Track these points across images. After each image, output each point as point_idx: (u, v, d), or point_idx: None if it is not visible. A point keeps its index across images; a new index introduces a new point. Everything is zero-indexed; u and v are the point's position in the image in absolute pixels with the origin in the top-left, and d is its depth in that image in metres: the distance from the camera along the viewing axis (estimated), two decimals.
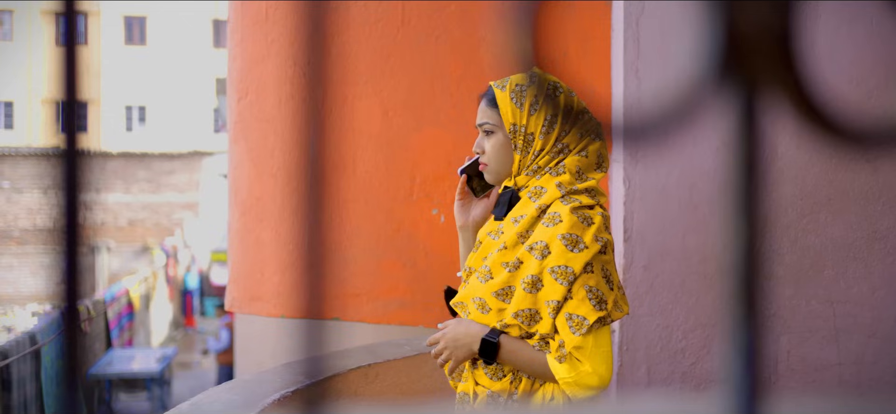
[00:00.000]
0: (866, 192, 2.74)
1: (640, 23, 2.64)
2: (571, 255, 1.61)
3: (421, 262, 3.00)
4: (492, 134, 1.74)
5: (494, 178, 1.77)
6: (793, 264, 2.77)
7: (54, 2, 0.36)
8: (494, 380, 1.71)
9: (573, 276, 1.61)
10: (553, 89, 1.68)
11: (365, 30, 2.85)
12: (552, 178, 1.68)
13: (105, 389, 11.34)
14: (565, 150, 1.70)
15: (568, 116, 1.70)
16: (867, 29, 2.66)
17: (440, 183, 2.98)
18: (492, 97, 1.73)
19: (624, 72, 2.68)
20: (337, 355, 2.73)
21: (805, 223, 2.76)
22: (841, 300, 2.79)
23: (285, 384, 2.43)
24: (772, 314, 2.80)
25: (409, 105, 2.92)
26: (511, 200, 1.73)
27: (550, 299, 1.62)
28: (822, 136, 0.33)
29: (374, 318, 3.08)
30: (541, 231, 1.65)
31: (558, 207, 1.65)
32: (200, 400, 2.20)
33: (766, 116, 0.35)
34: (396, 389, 2.67)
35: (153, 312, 16.74)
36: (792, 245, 2.77)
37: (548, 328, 1.63)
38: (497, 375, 1.70)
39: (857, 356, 2.83)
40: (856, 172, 2.74)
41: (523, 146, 1.70)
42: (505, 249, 1.68)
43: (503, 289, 1.67)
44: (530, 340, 1.67)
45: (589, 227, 1.63)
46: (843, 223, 2.75)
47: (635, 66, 2.66)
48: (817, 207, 2.75)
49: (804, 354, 2.82)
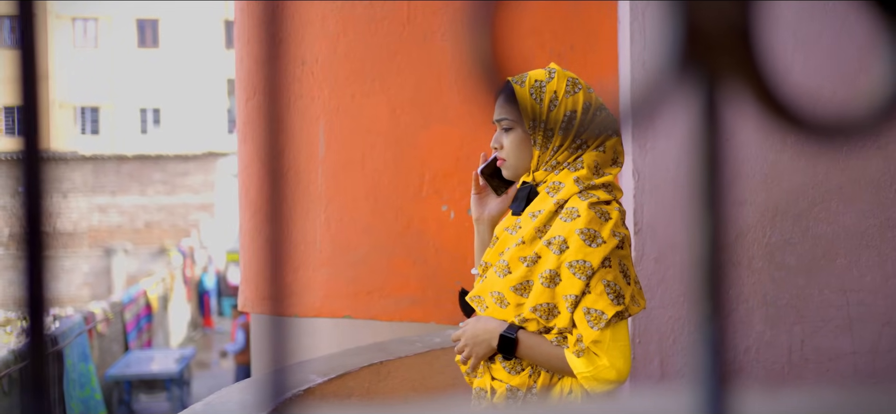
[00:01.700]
0: (878, 180, 2.72)
1: (646, 15, 2.63)
2: (589, 249, 1.61)
3: (431, 258, 3.00)
4: (510, 130, 1.74)
5: (513, 174, 1.77)
6: (805, 254, 2.76)
7: (7, 2, 0.36)
8: (512, 374, 1.71)
9: (591, 270, 1.61)
10: (572, 85, 1.69)
11: (371, 27, 2.86)
12: (570, 173, 1.69)
13: (124, 391, 11.43)
14: (584, 146, 1.70)
15: (587, 112, 1.70)
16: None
17: (449, 179, 2.98)
18: (510, 92, 1.72)
19: (631, 65, 2.67)
20: (349, 353, 2.74)
21: (816, 212, 2.74)
22: (854, 289, 2.77)
23: (298, 382, 2.44)
24: (784, 304, 2.79)
25: (417, 102, 2.92)
26: (529, 195, 1.74)
27: (568, 294, 1.62)
28: (784, 129, 0.33)
29: (385, 315, 3.09)
30: (559, 226, 1.65)
31: (576, 202, 1.65)
32: (213, 400, 2.22)
33: (727, 110, 0.35)
34: (409, 386, 2.67)
35: (171, 312, 16.85)
36: (803, 234, 2.75)
37: (566, 322, 1.64)
38: (515, 369, 1.71)
39: (872, 345, 2.81)
40: (867, 160, 2.72)
41: (542, 142, 1.71)
42: (523, 244, 1.69)
43: (521, 283, 1.67)
44: (548, 334, 1.67)
45: (607, 222, 1.63)
46: (855, 211, 2.73)
47: (642, 58, 2.65)
48: (828, 195, 2.73)
49: (818, 344, 2.80)
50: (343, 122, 2.98)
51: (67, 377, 9.57)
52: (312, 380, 2.45)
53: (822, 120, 0.32)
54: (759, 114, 0.35)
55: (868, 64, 2.54)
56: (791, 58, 2.61)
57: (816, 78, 2.62)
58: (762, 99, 0.34)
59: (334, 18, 2.94)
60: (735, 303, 2.78)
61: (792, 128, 0.33)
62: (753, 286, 2.77)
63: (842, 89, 2.60)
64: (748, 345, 2.80)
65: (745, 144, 2.70)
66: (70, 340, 9.58)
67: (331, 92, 2.97)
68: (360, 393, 2.56)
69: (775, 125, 0.34)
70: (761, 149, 2.69)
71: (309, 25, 2.96)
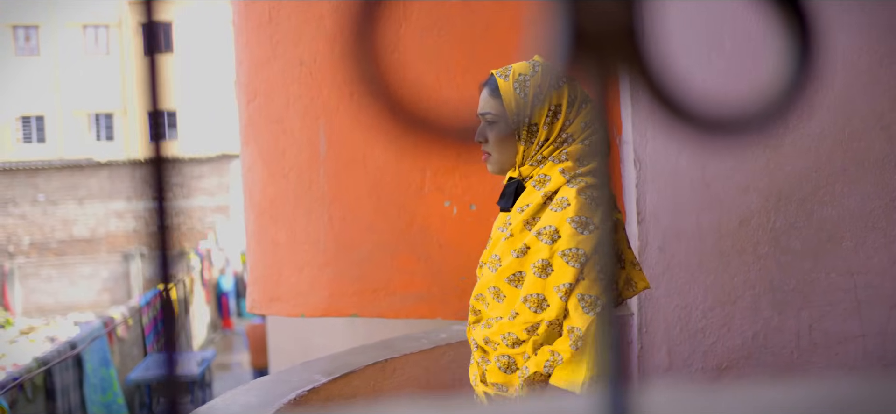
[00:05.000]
0: (882, 161, 2.69)
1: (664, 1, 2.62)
2: (582, 237, 1.60)
3: (435, 255, 3.00)
4: (494, 124, 1.73)
5: (497, 169, 1.76)
6: (810, 238, 2.73)
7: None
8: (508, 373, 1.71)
9: (585, 257, 1.60)
10: (556, 79, 1.67)
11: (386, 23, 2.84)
12: (555, 165, 1.68)
13: (145, 394, 11.52)
14: (569, 140, 1.69)
15: (572, 106, 1.69)
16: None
17: (451, 175, 2.98)
18: (494, 87, 1.71)
19: (650, 53, 2.66)
20: (354, 351, 2.75)
21: (821, 195, 2.72)
22: (861, 271, 2.75)
23: (303, 383, 2.44)
24: (791, 289, 2.77)
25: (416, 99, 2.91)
26: (516, 191, 1.73)
27: (561, 283, 1.61)
28: (676, 124, 0.33)
29: (392, 312, 3.09)
30: (549, 216, 1.64)
31: (565, 191, 1.64)
32: (216, 404, 2.22)
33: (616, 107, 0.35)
34: (415, 384, 2.67)
35: (191, 315, 16.96)
36: (808, 218, 2.73)
37: (555, 314, 1.62)
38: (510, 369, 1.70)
39: (880, 327, 2.78)
40: (870, 141, 2.70)
41: (527, 137, 1.70)
42: (511, 237, 1.68)
43: (514, 274, 1.67)
44: (538, 330, 1.65)
45: (598, 207, 1.62)
46: (860, 193, 2.71)
47: (660, 45, 2.64)
48: (832, 178, 2.71)
49: (826, 328, 2.78)
50: (343, 121, 2.99)
51: (88, 382, 9.66)
52: (317, 380, 2.45)
53: (710, 116, 0.32)
54: (654, 109, 0.34)
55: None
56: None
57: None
58: (653, 95, 0.33)
59: (331, 18, 2.94)
60: (742, 289, 2.76)
61: (682, 123, 0.33)
62: (759, 272, 2.75)
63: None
64: (756, 331, 2.78)
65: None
66: (88, 343, 9.65)
67: (330, 91, 2.97)
68: (366, 391, 2.56)
69: (668, 121, 0.33)
70: (762, 134, 2.67)
71: (306, 25, 2.97)
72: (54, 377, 8.93)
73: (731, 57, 2.58)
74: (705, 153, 2.70)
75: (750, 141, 0.32)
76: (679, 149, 2.71)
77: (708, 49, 2.60)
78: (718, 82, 2.59)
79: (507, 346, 1.69)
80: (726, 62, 2.59)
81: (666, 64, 0.33)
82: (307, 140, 3.04)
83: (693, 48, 2.59)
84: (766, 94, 0.31)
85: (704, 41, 2.60)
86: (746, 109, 0.31)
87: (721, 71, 2.58)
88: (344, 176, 2.96)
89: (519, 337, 1.66)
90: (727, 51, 2.59)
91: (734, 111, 0.31)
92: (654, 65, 0.31)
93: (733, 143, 0.32)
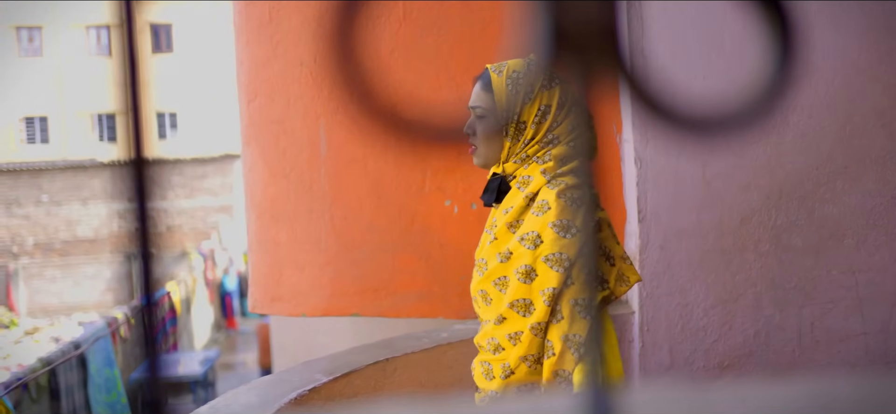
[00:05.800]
0: (883, 158, 2.69)
1: (643, 2, 2.61)
2: (565, 241, 1.60)
3: (436, 254, 3.00)
4: (483, 118, 1.73)
5: (483, 163, 1.76)
6: (811, 235, 2.73)
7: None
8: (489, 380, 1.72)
9: (569, 261, 1.60)
10: (549, 79, 1.67)
11: (367, 26, 2.85)
12: (538, 166, 1.68)
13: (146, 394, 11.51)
14: (555, 141, 1.69)
15: (562, 108, 1.69)
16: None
17: (451, 174, 2.98)
18: (487, 81, 1.72)
19: (630, 53, 2.66)
20: (355, 351, 2.75)
21: (822, 193, 2.72)
22: (863, 269, 2.75)
23: (303, 382, 2.44)
24: (792, 287, 2.77)
25: (416, 99, 2.92)
26: (500, 187, 1.73)
27: (545, 288, 1.61)
28: (656, 123, 0.33)
29: (393, 311, 3.09)
30: (531, 221, 1.64)
31: (545, 193, 1.64)
32: (217, 404, 2.23)
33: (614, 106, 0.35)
34: (415, 383, 2.67)
35: (195, 315, 16.98)
36: (809, 216, 2.72)
37: (541, 316, 1.62)
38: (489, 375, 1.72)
39: (882, 325, 2.78)
40: (871, 138, 2.69)
41: (514, 134, 1.70)
42: (496, 240, 1.69)
43: (500, 278, 1.67)
44: (520, 338, 1.65)
45: (579, 209, 1.62)
46: (861, 190, 2.70)
47: (640, 44, 2.63)
48: (834, 175, 2.70)
49: (828, 326, 2.78)
50: (344, 121, 2.99)
51: (92, 382, 9.67)
52: (318, 379, 2.45)
53: (689, 113, 0.32)
54: (636, 107, 0.34)
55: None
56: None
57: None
58: (634, 93, 0.33)
59: (331, 19, 2.94)
60: (743, 287, 2.76)
61: (663, 120, 0.33)
62: (761, 270, 2.75)
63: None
64: (758, 329, 2.78)
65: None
66: (92, 342, 9.67)
67: (330, 91, 2.98)
68: (367, 391, 2.56)
69: (648, 118, 0.33)
70: (763, 131, 2.66)
71: (306, 25, 2.97)
72: (58, 377, 8.95)
73: (731, 57, 2.58)
74: (706, 151, 2.70)
75: (727, 139, 0.32)
76: (680, 147, 2.71)
77: (708, 49, 2.60)
78: (718, 82, 2.58)
79: (489, 351, 1.70)
80: (726, 62, 2.58)
81: (649, 63, 0.33)
82: (308, 140, 3.04)
83: (693, 48, 2.59)
84: (745, 94, 0.31)
85: (704, 41, 2.60)
86: (725, 108, 0.31)
87: (721, 71, 2.58)
88: (345, 176, 2.96)
89: (501, 343, 1.67)
90: (727, 51, 2.59)
91: (714, 110, 0.31)
92: (635, 64, 0.31)
93: (710, 140, 0.32)
